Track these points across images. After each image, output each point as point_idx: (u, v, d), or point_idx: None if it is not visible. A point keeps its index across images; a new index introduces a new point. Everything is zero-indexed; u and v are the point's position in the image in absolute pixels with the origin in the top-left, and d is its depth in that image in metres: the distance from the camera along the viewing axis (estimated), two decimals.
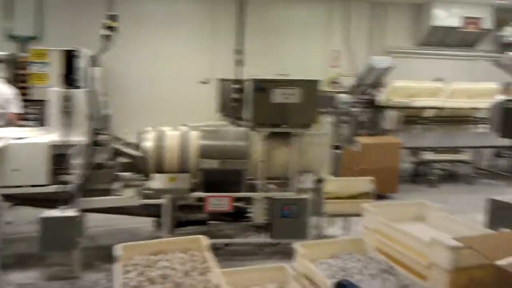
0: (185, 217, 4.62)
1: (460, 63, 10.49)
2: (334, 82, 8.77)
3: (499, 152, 9.24)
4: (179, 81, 9.09)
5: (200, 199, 4.56)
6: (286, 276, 2.67)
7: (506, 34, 10.51)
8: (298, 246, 2.80)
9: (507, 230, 2.57)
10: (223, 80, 5.62)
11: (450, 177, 8.63)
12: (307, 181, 4.59)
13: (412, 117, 8.11)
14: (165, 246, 2.54)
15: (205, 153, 4.54)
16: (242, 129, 4.78)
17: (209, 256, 2.41)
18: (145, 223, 5.00)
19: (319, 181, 4.74)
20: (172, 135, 4.60)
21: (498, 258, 1.94)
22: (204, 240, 2.56)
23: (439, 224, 3.10)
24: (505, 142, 7.56)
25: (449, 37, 10.32)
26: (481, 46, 10.65)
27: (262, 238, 4.68)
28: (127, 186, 4.58)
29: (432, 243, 2.46)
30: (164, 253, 2.49)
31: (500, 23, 10.42)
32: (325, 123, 5.34)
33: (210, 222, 4.68)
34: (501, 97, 7.95)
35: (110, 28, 4.02)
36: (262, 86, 4.52)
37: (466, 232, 2.60)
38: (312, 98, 4.54)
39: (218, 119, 7.22)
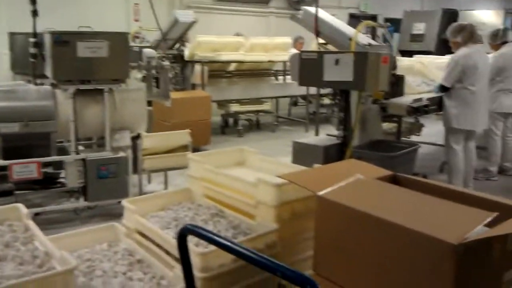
0: None
1: (256, 19, 11.11)
2: (136, 37, 8.47)
3: (295, 101, 10.18)
4: None
5: (3, 168, 4.06)
6: (117, 234, 2.58)
7: None
8: (126, 202, 2.70)
9: (319, 165, 2.85)
10: (14, 33, 4.99)
11: (255, 126, 9.23)
12: (124, 139, 4.42)
13: (218, 71, 8.37)
14: None
15: (3, 116, 4.02)
16: (45, 87, 4.35)
17: (31, 224, 2.17)
18: None
19: (136, 137, 4.61)
20: None
21: (319, 189, 2.13)
22: (23, 208, 2.29)
23: (259, 167, 3.29)
24: (301, 91, 8.37)
25: None
26: (273, 3, 11.38)
27: (78, 203, 4.40)
28: None
29: (258, 183, 2.61)
30: None
31: None
32: (135, 78, 5.15)
33: (17, 192, 4.22)
34: (293, 50, 8.70)
35: None
36: (65, 39, 4.13)
37: (284, 171, 2.80)
38: (122, 52, 4.32)
39: (11, 78, 6.43)
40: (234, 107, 8.43)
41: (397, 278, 1.78)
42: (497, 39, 5.99)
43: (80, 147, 4.47)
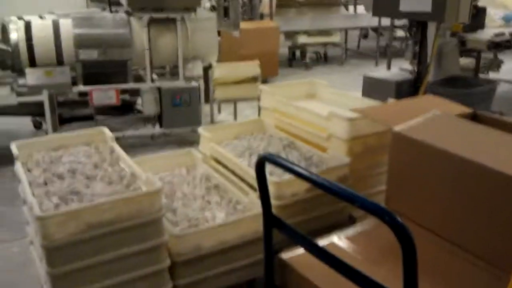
0: (69, 114, 4.35)
1: None
2: None
3: (366, 33, 9.82)
4: None
5: (84, 94, 4.28)
6: (194, 160, 2.70)
7: None
8: (201, 130, 2.80)
9: (394, 100, 2.81)
10: None
11: (323, 59, 9.05)
12: (196, 68, 4.50)
13: (286, 1, 8.17)
14: (65, 141, 2.38)
15: (82, 42, 4.18)
16: (120, 15, 4.45)
17: (116, 147, 2.32)
18: (23, 124, 4.63)
19: (208, 67, 4.68)
20: (41, 25, 4.13)
21: (394, 125, 2.11)
22: (108, 132, 2.44)
23: (330, 100, 3.28)
24: (372, 23, 8.05)
25: None
26: None
27: (154, 129, 4.60)
28: None
29: (330, 116, 2.61)
30: (65, 148, 2.34)
31: None
32: (205, 8, 5.14)
33: (96, 117, 4.46)
34: None
35: None
36: None
37: (356, 105, 2.78)
38: None
39: (86, 6, 6.60)
40: (302, 39, 8.26)
41: (471, 217, 1.77)
42: None
43: (154, 76, 4.60)
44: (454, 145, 1.84)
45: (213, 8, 5.00)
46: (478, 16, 4.88)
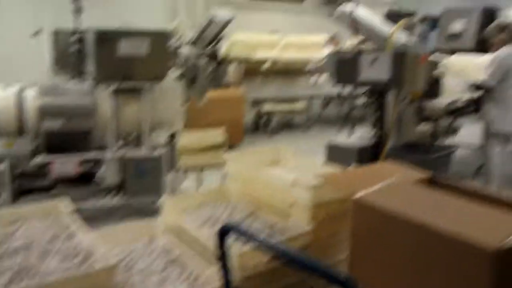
0: (28, 185, 4.23)
1: (291, 16, 11.08)
2: (173, 34, 8.58)
3: (329, 100, 10.12)
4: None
5: (44, 164, 4.19)
6: (154, 231, 2.63)
7: None
8: (164, 199, 2.76)
9: (356, 167, 2.85)
10: (58, 31, 5.14)
11: (287, 125, 9.24)
12: (161, 137, 4.50)
13: (253, 69, 8.40)
14: (22, 214, 2.29)
15: (46, 112, 4.16)
16: (85, 84, 4.46)
17: (74, 219, 2.24)
18: None
19: (173, 135, 4.69)
20: (4, 95, 4.10)
21: (355, 192, 2.13)
22: (67, 203, 2.37)
23: (294, 166, 3.30)
24: (335, 90, 8.32)
25: None
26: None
27: (115, 200, 4.50)
28: None
29: (294, 183, 2.62)
30: (22, 221, 2.25)
31: None
32: (172, 76, 5.23)
33: (56, 188, 4.35)
34: (329, 47, 8.66)
35: None
36: (107, 37, 4.23)
37: (320, 172, 2.80)
38: (161, 50, 4.41)
39: (53, 76, 6.60)
40: (268, 106, 8.45)
41: (432, 284, 1.76)
42: None
43: (118, 144, 4.56)
44: (411, 211, 1.86)
45: (182, 76, 5.09)
46: (435, 84, 5.10)
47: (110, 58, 4.22)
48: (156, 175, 4.41)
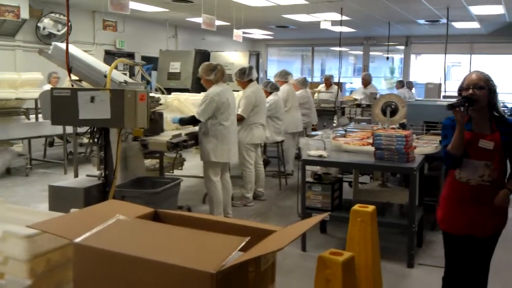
0: None
1: (1, 53, 10.09)
2: None
3: (52, 141, 9.48)
4: None
5: None
6: None
7: (44, 26, 10.76)
8: None
9: (77, 210, 2.68)
10: None
11: (6, 171, 8.24)
12: None
13: None
14: None
15: None
16: None
17: None
18: None
19: None
20: None
21: (75, 236, 2.00)
22: None
23: (7, 217, 2.91)
24: (57, 130, 7.85)
25: None
26: (20, 36, 10.47)
27: None
28: None
29: (5, 236, 2.31)
30: None
31: (36, 14, 10.50)
32: None
33: None
34: (47, 86, 8.17)
35: None
36: None
37: (37, 220, 2.55)
38: None
39: None
40: None
41: None
42: (245, 76, 6.55)
43: None
44: (130, 247, 1.85)
45: None
46: (157, 121, 5.28)
47: None
48: None
